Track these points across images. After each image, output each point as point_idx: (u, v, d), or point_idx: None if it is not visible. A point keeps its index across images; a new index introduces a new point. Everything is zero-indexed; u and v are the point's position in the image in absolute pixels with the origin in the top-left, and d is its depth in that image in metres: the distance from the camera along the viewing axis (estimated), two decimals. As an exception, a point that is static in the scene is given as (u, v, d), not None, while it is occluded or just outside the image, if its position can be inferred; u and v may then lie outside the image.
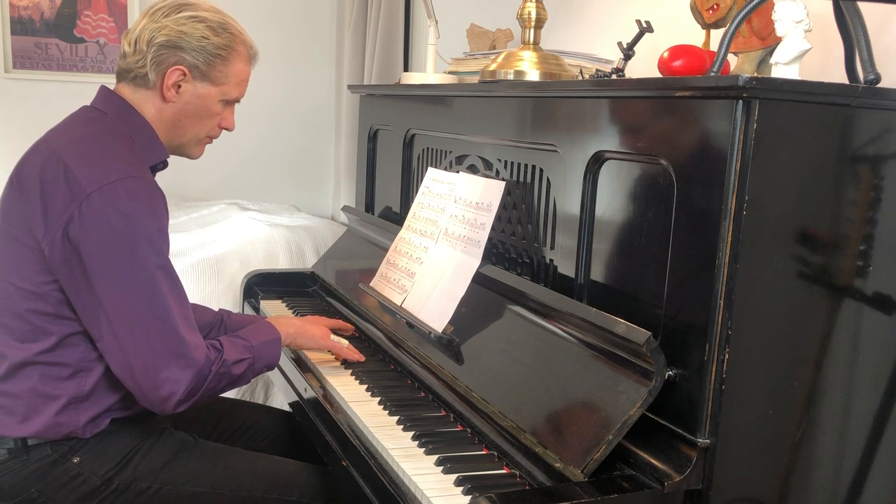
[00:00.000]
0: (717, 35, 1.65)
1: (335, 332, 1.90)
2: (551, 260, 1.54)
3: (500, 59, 1.89)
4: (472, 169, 1.86)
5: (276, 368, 1.88)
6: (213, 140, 1.66)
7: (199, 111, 1.58)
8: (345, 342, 1.82)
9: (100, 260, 1.40)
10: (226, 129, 1.65)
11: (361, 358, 1.82)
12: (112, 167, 1.43)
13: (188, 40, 1.52)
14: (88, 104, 1.60)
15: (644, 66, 1.94)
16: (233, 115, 1.65)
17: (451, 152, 1.96)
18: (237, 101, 1.63)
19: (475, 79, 2.08)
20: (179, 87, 1.54)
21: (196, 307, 1.89)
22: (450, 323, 1.65)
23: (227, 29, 1.57)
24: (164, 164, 1.63)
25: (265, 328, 1.65)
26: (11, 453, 1.48)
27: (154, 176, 1.60)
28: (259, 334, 1.62)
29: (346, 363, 1.82)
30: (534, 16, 1.86)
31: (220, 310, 1.96)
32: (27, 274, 1.46)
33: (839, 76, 1.34)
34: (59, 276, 1.44)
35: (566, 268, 1.48)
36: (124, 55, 1.55)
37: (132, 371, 1.42)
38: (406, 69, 3.43)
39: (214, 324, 1.90)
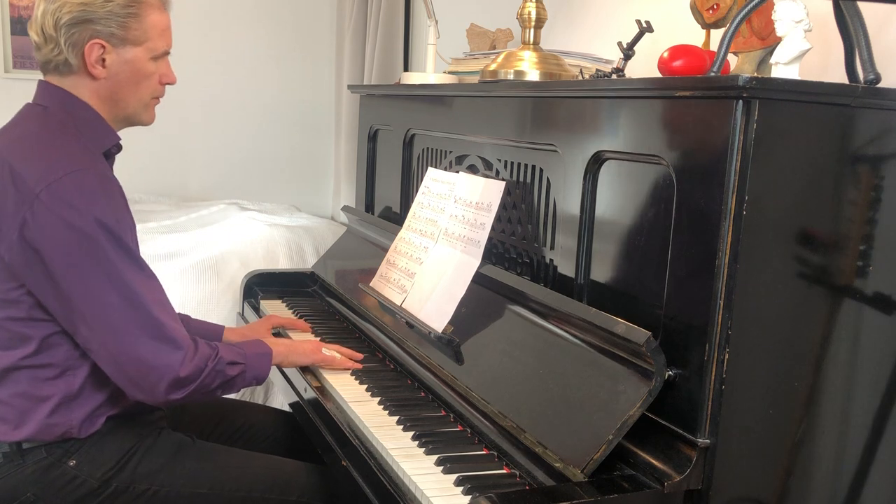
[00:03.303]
0: (717, 35, 1.65)
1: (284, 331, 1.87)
2: (551, 260, 1.54)
3: (500, 59, 1.89)
4: (472, 169, 1.85)
5: (276, 369, 1.88)
6: (160, 99, 1.60)
7: (132, 77, 1.52)
8: (338, 355, 1.78)
9: (60, 258, 1.38)
10: (168, 83, 1.59)
11: (358, 366, 1.79)
12: (58, 163, 1.40)
13: (92, 10, 1.45)
14: (30, 101, 1.56)
15: (644, 66, 1.94)
16: (169, 67, 1.58)
17: (451, 152, 1.96)
18: (167, 52, 1.57)
19: (475, 79, 2.08)
20: (104, 60, 1.48)
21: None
22: (450, 323, 1.65)
23: None
24: (118, 147, 1.58)
25: (258, 343, 1.66)
26: (6, 457, 1.48)
27: (113, 161, 1.58)
28: (252, 346, 1.63)
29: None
30: (534, 16, 1.86)
31: (178, 314, 1.94)
32: None
33: (839, 76, 1.34)
34: (25, 281, 1.42)
35: (566, 268, 1.48)
36: (38, 47, 1.49)
37: (119, 363, 1.41)
38: (406, 69, 3.43)
39: None
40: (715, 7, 1.69)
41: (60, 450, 1.49)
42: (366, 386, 1.70)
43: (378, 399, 1.63)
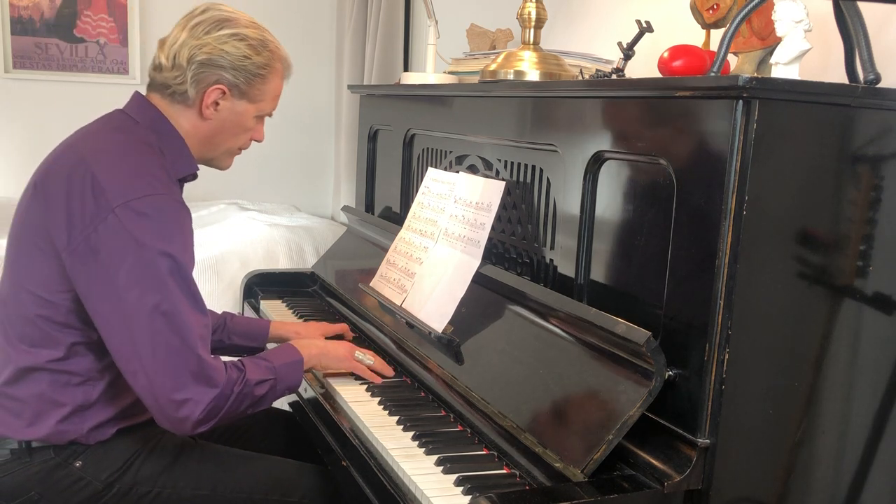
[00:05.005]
0: (717, 35, 1.65)
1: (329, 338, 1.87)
2: (551, 260, 1.54)
3: (500, 59, 1.89)
4: (472, 169, 1.85)
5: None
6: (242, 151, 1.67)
7: (234, 127, 1.58)
8: (369, 360, 1.75)
9: (121, 275, 1.38)
10: (256, 140, 1.66)
11: (390, 373, 1.76)
12: (140, 182, 1.42)
13: (230, 59, 1.51)
14: (121, 108, 1.59)
15: (644, 66, 1.94)
16: (263, 126, 1.65)
17: (451, 152, 1.96)
18: (270, 115, 1.65)
19: (475, 79, 2.08)
20: (218, 104, 1.54)
21: None
22: (450, 323, 1.65)
23: (267, 46, 1.56)
24: (194, 176, 1.62)
25: (288, 350, 1.63)
26: (14, 454, 1.48)
27: (182, 187, 1.60)
28: (281, 355, 1.60)
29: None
30: (534, 16, 1.86)
31: (223, 312, 1.95)
32: (42, 281, 1.45)
33: (839, 76, 1.34)
34: (79, 288, 1.41)
35: (566, 268, 1.48)
36: (160, 67, 1.53)
37: (153, 390, 1.40)
38: (406, 69, 3.43)
39: (217, 326, 1.89)
40: (715, 7, 1.69)
41: (68, 451, 1.49)
42: (366, 386, 1.70)
43: (378, 399, 1.63)
